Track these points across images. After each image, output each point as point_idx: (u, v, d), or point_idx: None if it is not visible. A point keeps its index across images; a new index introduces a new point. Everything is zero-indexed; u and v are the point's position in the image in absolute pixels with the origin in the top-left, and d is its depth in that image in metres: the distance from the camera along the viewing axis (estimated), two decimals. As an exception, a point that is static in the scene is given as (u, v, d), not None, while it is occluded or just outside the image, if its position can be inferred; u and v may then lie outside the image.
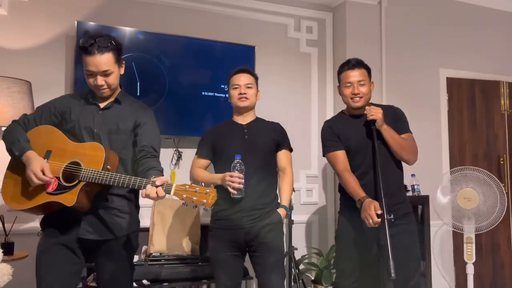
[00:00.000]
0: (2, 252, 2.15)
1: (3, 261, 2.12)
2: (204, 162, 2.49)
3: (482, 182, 3.14)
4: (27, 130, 1.92)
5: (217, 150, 2.45)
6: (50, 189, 1.78)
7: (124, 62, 2.00)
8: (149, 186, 1.67)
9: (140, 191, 1.72)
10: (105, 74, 1.88)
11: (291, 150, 2.55)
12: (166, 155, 3.24)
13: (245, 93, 2.42)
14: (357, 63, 2.36)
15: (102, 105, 1.96)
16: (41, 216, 1.97)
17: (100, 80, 1.88)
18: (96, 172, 1.75)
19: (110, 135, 1.92)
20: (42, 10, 2.99)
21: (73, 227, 1.86)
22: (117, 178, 1.73)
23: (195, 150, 2.51)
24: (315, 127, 3.70)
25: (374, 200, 2.11)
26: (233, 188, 2.22)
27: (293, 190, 2.73)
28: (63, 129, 1.91)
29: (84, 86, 2.04)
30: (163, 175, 1.77)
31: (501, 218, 3.12)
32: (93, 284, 2.56)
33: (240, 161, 2.25)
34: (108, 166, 1.80)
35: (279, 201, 2.45)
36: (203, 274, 2.75)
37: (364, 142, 2.32)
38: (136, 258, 2.74)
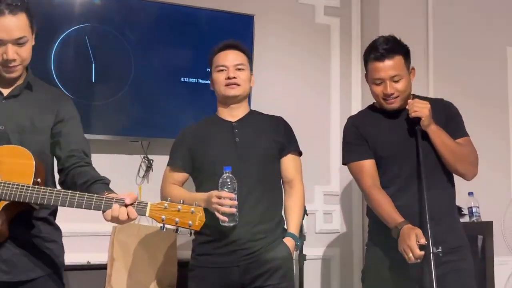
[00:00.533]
0: None
1: None
2: (180, 176, 2.49)
3: None
4: None
5: (197, 159, 2.44)
6: None
7: (36, 30, 1.91)
8: (116, 206, 1.67)
9: (104, 213, 1.72)
10: (19, 42, 1.81)
11: (300, 154, 2.56)
12: (131, 164, 3.26)
13: (234, 77, 2.40)
14: (388, 51, 2.32)
15: (5, 91, 1.88)
16: None
17: (12, 52, 1.80)
18: (25, 189, 1.70)
19: (21, 134, 1.85)
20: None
21: None
22: (62, 197, 1.71)
23: (166, 157, 2.51)
24: (335, 126, 3.68)
25: (416, 227, 2.13)
26: (223, 214, 2.20)
27: (305, 212, 2.74)
28: None
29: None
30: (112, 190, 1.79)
31: None
32: None
33: (230, 175, 2.23)
34: (39, 180, 1.75)
35: (285, 226, 2.46)
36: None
37: (402, 147, 2.35)
38: (88, 305, 2.80)
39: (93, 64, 3.04)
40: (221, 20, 3.33)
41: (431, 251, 2.03)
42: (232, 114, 2.48)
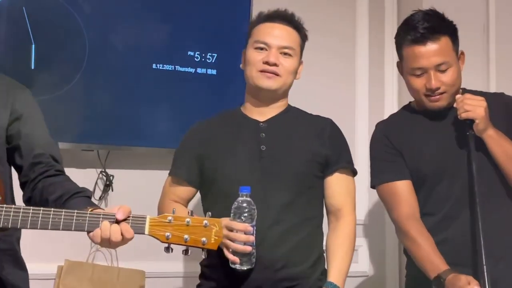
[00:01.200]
0: None
1: None
2: (184, 191, 2.49)
3: None
4: None
5: (206, 170, 2.42)
6: None
7: None
8: (105, 224, 1.68)
9: (90, 234, 1.72)
10: None
11: (354, 173, 2.53)
12: (83, 181, 3.19)
13: (275, 64, 2.37)
14: (430, 30, 2.35)
15: None
16: None
17: None
18: None
19: None
20: None
21: None
22: (33, 216, 1.69)
23: (133, 172, 2.44)
24: (363, 130, 3.76)
25: (466, 275, 2.13)
26: (234, 253, 2.13)
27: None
28: None
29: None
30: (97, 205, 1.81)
31: None
32: None
33: (249, 199, 2.14)
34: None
35: (325, 267, 2.43)
36: None
37: (450, 161, 2.39)
38: None
39: (33, 45, 3.06)
40: None
41: None
42: (262, 111, 2.46)
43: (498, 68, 3.72)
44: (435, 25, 2.36)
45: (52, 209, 1.70)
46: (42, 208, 1.70)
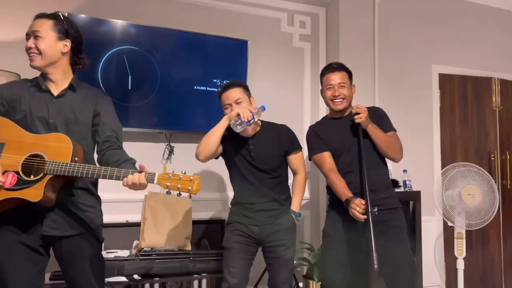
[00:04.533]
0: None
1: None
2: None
3: (482, 179, 3.18)
4: None
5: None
6: (8, 185, 1.63)
7: (68, 41, 1.85)
8: (130, 175, 1.61)
9: (124, 180, 1.65)
10: (35, 35, 1.78)
11: (301, 149, 2.49)
12: (157, 150, 3.25)
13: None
14: (338, 66, 2.39)
15: (55, 92, 1.82)
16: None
17: (30, 43, 1.78)
18: (65, 165, 1.64)
19: (67, 125, 1.78)
20: (31, 1, 2.94)
21: (34, 225, 1.74)
22: (92, 170, 1.64)
23: (187, 145, 2.43)
24: (307, 123, 3.65)
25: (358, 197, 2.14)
26: (237, 123, 2.21)
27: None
28: (12, 120, 1.75)
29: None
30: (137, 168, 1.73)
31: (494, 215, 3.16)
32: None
33: (261, 111, 2.30)
34: (76, 158, 1.69)
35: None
36: (195, 269, 2.73)
37: (348, 142, 2.33)
38: (127, 252, 2.76)
39: (130, 76, 3.04)
40: (223, 43, 3.31)
41: (369, 210, 2.03)
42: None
43: (379, 85, 3.67)
44: (340, 65, 2.39)
45: (104, 167, 1.65)
46: (98, 166, 1.67)
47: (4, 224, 1.72)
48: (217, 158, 2.44)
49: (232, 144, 2.39)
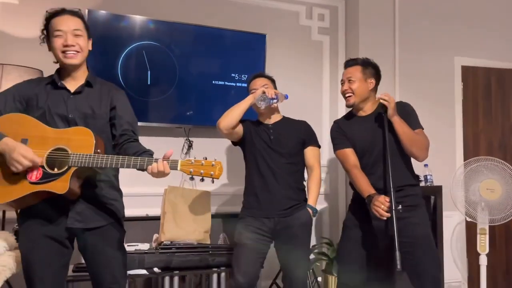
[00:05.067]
0: (15, 238, 2.16)
1: (16, 248, 2.12)
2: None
3: (504, 173, 3.10)
4: None
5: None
6: (34, 179, 1.67)
7: (91, 39, 1.90)
8: (159, 161, 1.64)
9: (148, 168, 1.66)
10: (76, 34, 1.80)
11: (319, 146, 2.52)
12: (176, 144, 3.27)
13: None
14: (351, 60, 2.39)
15: (72, 89, 1.84)
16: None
17: (71, 39, 1.78)
18: (88, 156, 1.67)
19: (86, 119, 1.81)
20: (52, -2, 2.99)
21: (60, 217, 1.77)
22: (116, 160, 1.66)
23: (206, 139, 2.45)
24: (326, 116, 3.68)
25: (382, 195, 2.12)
26: (262, 99, 2.33)
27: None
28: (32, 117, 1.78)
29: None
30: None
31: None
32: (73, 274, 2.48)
33: (283, 98, 2.42)
34: (99, 150, 1.72)
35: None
36: (214, 262, 2.76)
37: (371, 140, 2.30)
38: (147, 246, 2.79)
39: (149, 71, 3.06)
40: (241, 38, 3.31)
41: (393, 208, 2.01)
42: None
43: (400, 79, 3.61)
44: (353, 59, 2.38)
45: (127, 156, 1.68)
46: (121, 156, 1.68)
47: (31, 218, 1.76)
48: (235, 145, 2.50)
49: (253, 128, 2.44)
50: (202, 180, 1.64)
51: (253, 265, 2.29)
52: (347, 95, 2.34)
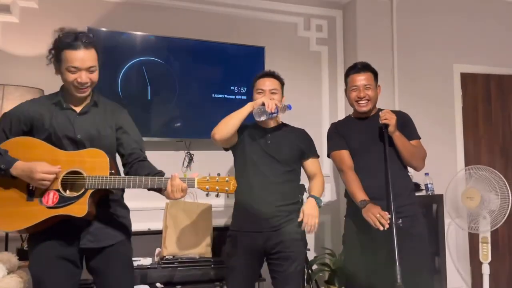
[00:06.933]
0: (18, 258, 2.17)
1: (20, 267, 2.14)
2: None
3: (485, 181, 3.13)
4: None
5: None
6: (51, 203, 1.67)
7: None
8: (177, 180, 1.66)
9: (168, 187, 1.67)
10: (90, 70, 1.76)
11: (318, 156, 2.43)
12: (177, 158, 3.29)
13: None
14: (363, 67, 2.35)
15: (78, 109, 1.82)
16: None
17: (85, 77, 1.75)
18: (105, 178, 1.68)
19: (92, 141, 1.79)
20: (53, 17, 3.03)
21: (73, 239, 1.77)
22: (133, 181, 1.68)
23: (206, 152, 2.41)
24: (325, 126, 3.54)
25: (376, 204, 2.10)
26: (261, 112, 2.14)
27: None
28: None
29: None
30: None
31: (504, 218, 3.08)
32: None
33: (286, 109, 2.24)
34: (113, 171, 1.72)
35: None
36: (216, 276, 2.76)
37: (367, 144, 2.30)
38: (149, 260, 2.79)
39: (149, 86, 3.08)
40: (240, 51, 3.33)
41: (393, 221, 1.98)
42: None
43: (399, 88, 3.64)
44: (366, 66, 2.35)
45: (144, 177, 1.70)
46: (138, 177, 1.70)
47: (43, 239, 1.75)
48: (227, 150, 2.38)
49: (249, 131, 2.31)
50: (217, 195, 1.68)
51: (245, 287, 2.23)
52: (363, 101, 2.31)
